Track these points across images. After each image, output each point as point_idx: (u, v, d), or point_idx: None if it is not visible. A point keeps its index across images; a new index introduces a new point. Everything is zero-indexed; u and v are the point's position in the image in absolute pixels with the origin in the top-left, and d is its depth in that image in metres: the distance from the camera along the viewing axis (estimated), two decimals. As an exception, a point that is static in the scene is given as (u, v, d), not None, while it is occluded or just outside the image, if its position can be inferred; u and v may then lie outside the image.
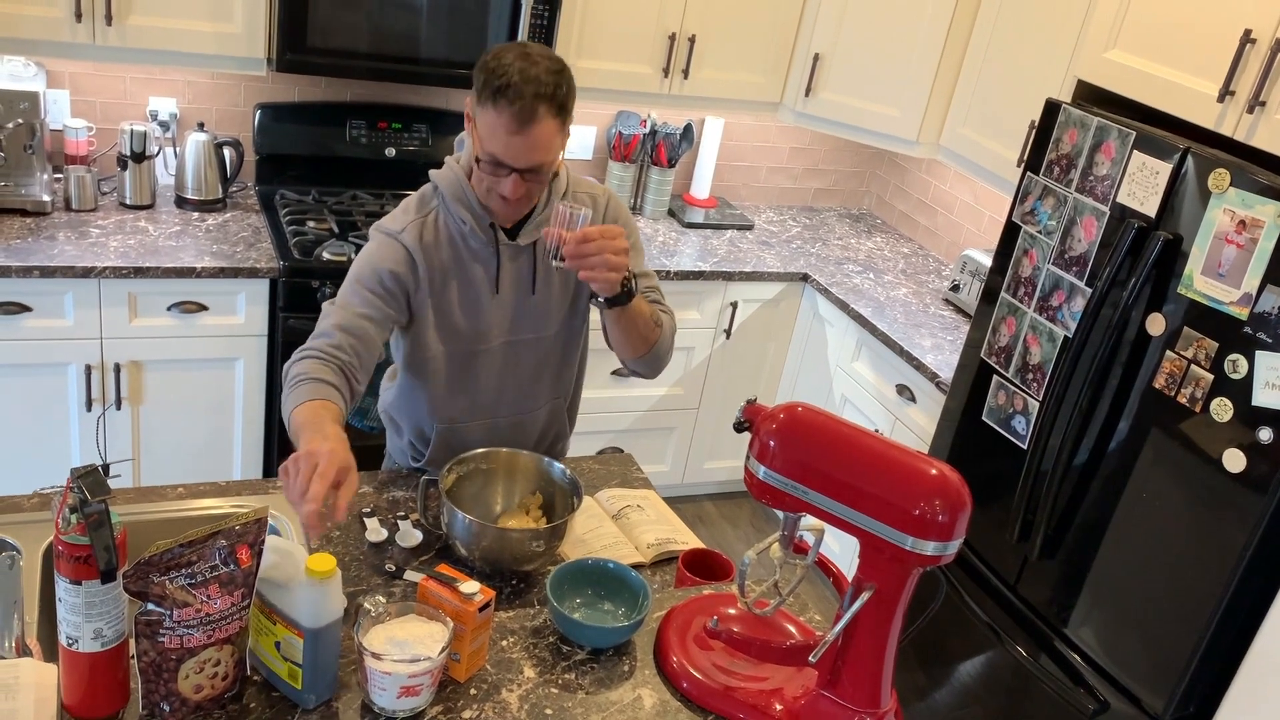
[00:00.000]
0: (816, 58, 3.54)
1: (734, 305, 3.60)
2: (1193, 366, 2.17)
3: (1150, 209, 2.27)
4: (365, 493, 1.94)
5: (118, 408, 2.91)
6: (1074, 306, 2.43)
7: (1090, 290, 2.38)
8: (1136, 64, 2.49)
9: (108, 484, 1.24)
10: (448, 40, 3.10)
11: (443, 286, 1.90)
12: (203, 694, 1.38)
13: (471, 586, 1.49)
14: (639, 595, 1.68)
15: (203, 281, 2.86)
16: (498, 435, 2.03)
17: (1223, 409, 2.11)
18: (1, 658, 1.43)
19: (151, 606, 1.29)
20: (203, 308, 2.89)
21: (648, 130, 3.77)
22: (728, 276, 3.52)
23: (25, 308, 2.72)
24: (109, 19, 2.77)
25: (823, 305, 3.61)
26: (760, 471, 1.46)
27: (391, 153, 3.44)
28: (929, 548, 1.38)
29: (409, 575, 1.70)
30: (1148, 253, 2.23)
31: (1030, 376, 2.55)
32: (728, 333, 3.65)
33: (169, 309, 2.86)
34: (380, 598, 1.52)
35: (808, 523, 1.53)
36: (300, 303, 2.95)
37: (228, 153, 3.20)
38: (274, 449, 3.15)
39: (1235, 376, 2.09)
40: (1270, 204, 2.03)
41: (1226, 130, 2.30)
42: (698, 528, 3.86)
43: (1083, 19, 2.89)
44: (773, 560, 1.56)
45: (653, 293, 2.02)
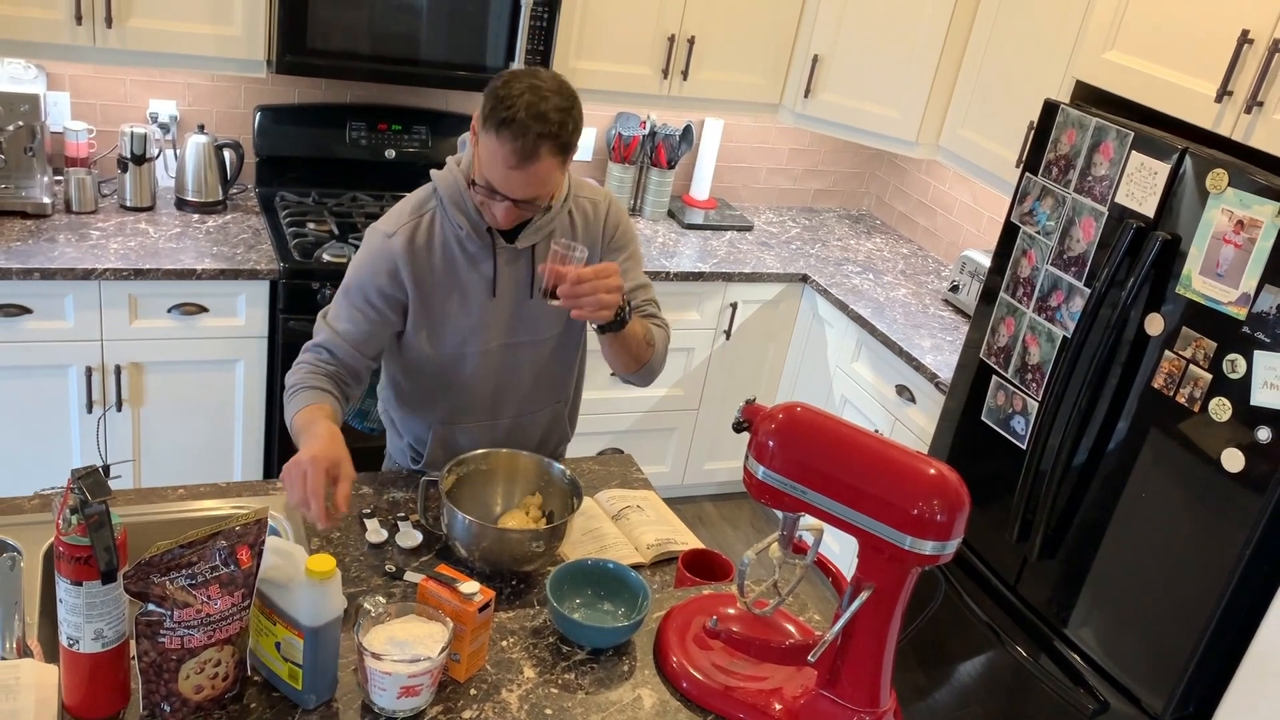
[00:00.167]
0: (816, 59, 3.55)
1: (734, 306, 3.61)
2: (1191, 366, 2.17)
3: (1149, 209, 2.27)
4: (365, 493, 1.94)
5: (118, 409, 2.91)
6: (1073, 307, 2.43)
7: (1089, 290, 2.38)
8: (1134, 64, 2.50)
9: (108, 485, 1.24)
10: (448, 42, 3.10)
11: (432, 291, 1.90)
12: (203, 694, 1.38)
13: (471, 587, 1.50)
14: (639, 595, 1.68)
15: (203, 283, 2.86)
16: (497, 438, 2.03)
17: (1221, 409, 2.11)
18: (3, 658, 1.43)
19: (152, 607, 1.29)
20: (203, 309, 2.89)
21: (647, 131, 3.77)
22: (727, 277, 3.52)
23: (26, 310, 2.73)
24: (109, 21, 2.77)
25: (822, 306, 3.61)
26: (759, 471, 1.47)
27: (391, 154, 3.44)
28: (927, 547, 1.38)
29: (409, 576, 1.71)
30: (1146, 253, 2.24)
31: (1029, 377, 2.55)
32: (727, 334, 3.65)
33: (169, 311, 2.86)
34: (380, 598, 1.53)
35: (807, 523, 1.53)
36: (300, 304, 2.96)
37: (228, 154, 3.21)
38: (274, 450, 3.15)
39: (1234, 376, 2.09)
40: (1268, 204, 2.03)
41: (1224, 130, 2.30)
42: (698, 528, 3.86)
43: (1081, 20, 2.89)
44: (772, 560, 1.56)
45: (649, 305, 2.05)
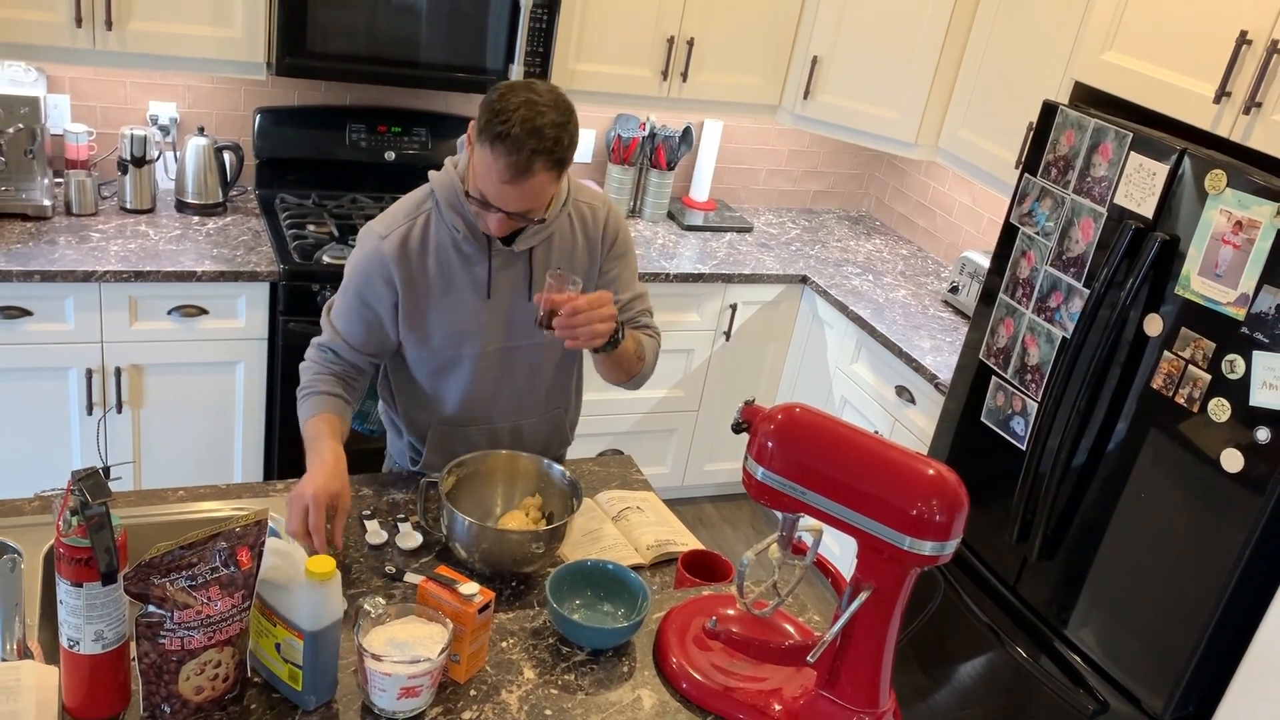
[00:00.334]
0: (815, 60, 3.55)
1: (733, 307, 3.61)
2: (1190, 367, 2.17)
3: (1147, 210, 2.28)
4: (365, 495, 1.94)
5: (118, 411, 2.91)
6: (1072, 307, 2.44)
7: (1088, 291, 2.38)
8: (1133, 65, 2.50)
9: (108, 487, 1.24)
10: (447, 44, 3.11)
11: (425, 292, 1.90)
12: (203, 695, 1.38)
13: (471, 588, 1.50)
14: (638, 596, 1.68)
15: (203, 285, 2.86)
16: (497, 442, 2.04)
17: (1220, 409, 2.12)
18: (3, 660, 1.43)
19: (152, 608, 1.29)
20: (203, 311, 2.89)
21: (647, 133, 3.77)
22: (727, 279, 3.53)
23: (26, 312, 2.73)
24: (109, 24, 2.77)
25: (822, 307, 3.61)
26: (759, 472, 1.47)
27: (391, 156, 3.45)
28: (927, 548, 1.38)
29: (409, 577, 1.71)
30: (1145, 253, 2.24)
31: (1029, 377, 2.55)
32: (727, 335, 3.66)
33: (169, 313, 2.87)
34: (380, 599, 1.53)
35: (806, 523, 1.53)
36: (300, 306, 2.96)
37: (228, 157, 3.21)
38: (274, 452, 3.15)
39: (1233, 377, 2.09)
40: (1267, 204, 2.03)
41: (1223, 131, 2.31)
42: (697, 529, 3.86)
43: (1080, 21, 2.89)
44: (771, 561, 1.57)
45: (643, 315, 2.06)
